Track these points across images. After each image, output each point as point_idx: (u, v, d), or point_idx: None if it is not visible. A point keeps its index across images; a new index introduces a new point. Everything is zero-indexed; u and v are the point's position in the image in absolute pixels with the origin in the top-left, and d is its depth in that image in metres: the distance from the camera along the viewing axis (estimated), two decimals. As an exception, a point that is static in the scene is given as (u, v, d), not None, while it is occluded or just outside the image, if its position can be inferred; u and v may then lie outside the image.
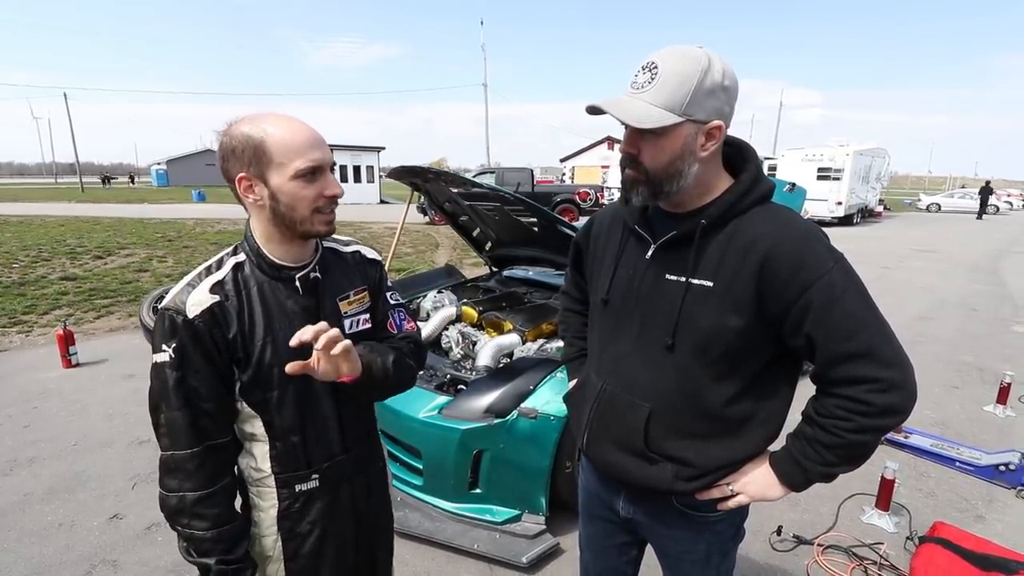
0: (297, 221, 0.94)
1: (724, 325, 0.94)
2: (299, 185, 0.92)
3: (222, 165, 0.93)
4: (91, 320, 5.66)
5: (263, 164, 0.91)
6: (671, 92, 0.89)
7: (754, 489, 1.02)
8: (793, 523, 2.43)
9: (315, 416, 1.04)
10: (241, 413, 1.01)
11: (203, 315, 0.92)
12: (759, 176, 0.98)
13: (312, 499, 1.06)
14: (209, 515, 0.94)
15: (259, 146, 0.90)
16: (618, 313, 1.09)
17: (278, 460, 1.02)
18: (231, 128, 0.92)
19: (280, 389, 0.99)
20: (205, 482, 0.94)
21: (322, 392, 1.05)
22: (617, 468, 1.10)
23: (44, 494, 2.63)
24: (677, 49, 0.91)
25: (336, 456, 1.08)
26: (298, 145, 0.91)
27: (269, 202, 0.93)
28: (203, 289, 0.94)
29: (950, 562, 2.09)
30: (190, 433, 0.93)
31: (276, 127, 0.91)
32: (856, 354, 0.88)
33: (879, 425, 0.90)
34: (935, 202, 28.05)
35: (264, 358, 0.97)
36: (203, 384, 0.93)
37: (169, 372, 0.92)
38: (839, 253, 0.92)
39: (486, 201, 3.31)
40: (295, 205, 0.93)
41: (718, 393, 0.99)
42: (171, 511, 0.95)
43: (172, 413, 0.93)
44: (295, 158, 0.91)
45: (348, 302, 1.10)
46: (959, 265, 10.07)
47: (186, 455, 0.93)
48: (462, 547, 2.17)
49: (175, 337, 0.91)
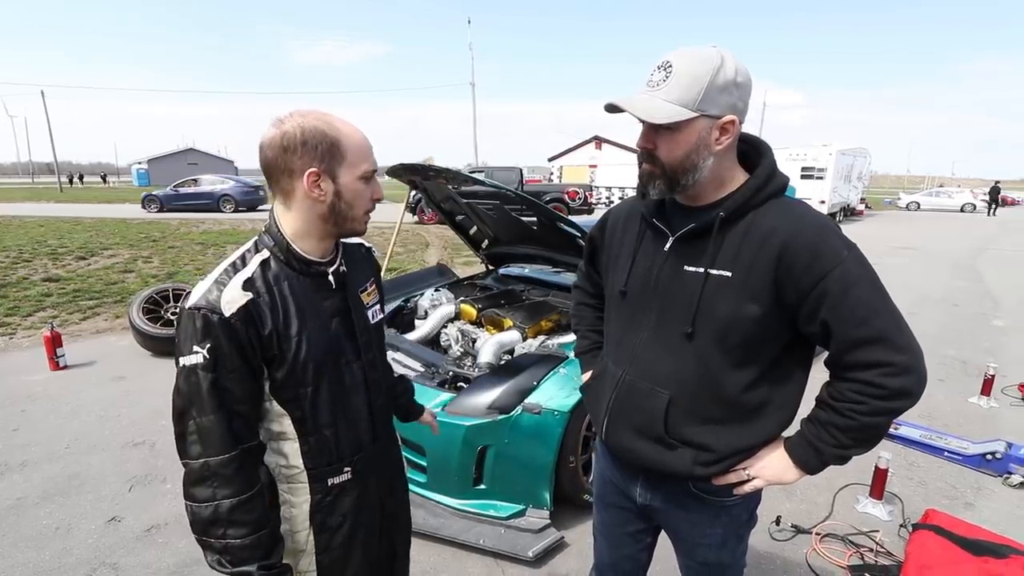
0: (351, 219, 0.99)
1: (743, 313, 0.97)
2: (362, 185, 0.98)
3: (281, 155, 0.92)
4: (76, 322, 5.55)
5: (336, 161, 0.94)
6: (685, 89, 0.92)
7: (770, 473, 1.05)
8: (791, 513, 2.48)
9: (348, 409, 1.05)
10: (269, 413, 1.00)
11: (239, 313, 0.90)
12: (775, 171, 1.01)
13: (344, 492, 1.07)
14: (248, 521, 0.92)
15: (335, 143, 0.93)
16: (636, 304, 1.11)
17: (311, 455, 1.02)
18: (295, 120, 0.92)
19: (314, 384, 1.00)
20: (244, 486, 0.92)
21: (354, 385, 1.06)
22: (637, 454, 1.12)
23: (38, 498, 2.58)
24: (691, 49, 0.95)
25: (366, 447, 1.09)
26: (366, 148, 0.98)
27: (332, 198, 0.96)
28: (235, 286, 0.92)
29: (943, 547, 2.15)
30: (227, 437, 0.91)
31: (348, 129, 0.96)
32: (869, 339, 0.92)
33: (892, 408, 0.94)
34: (915, 200, 28.68)
35: (300, 354, 0.97)
36: (238, 386, 0.92)
37: (203, 374, 0.89)
38: (852, 243, 0.96)
39: (486, 199, 3.32)
40: (355, 203, 0.98)
41: (736, 379, 1.02)
42: (204, 523, 0.91)
43: (205, 418, 0.90)
44: (363, 161, 0.97)
45: (367, 294, 1.13)
46: (939, 262, 10.32)
47: (223, 460, 0.91)
48: (468, 543, 2.18)
49: (209, 337, 0.89)
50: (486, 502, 2.28)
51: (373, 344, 1.11)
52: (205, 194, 17.86)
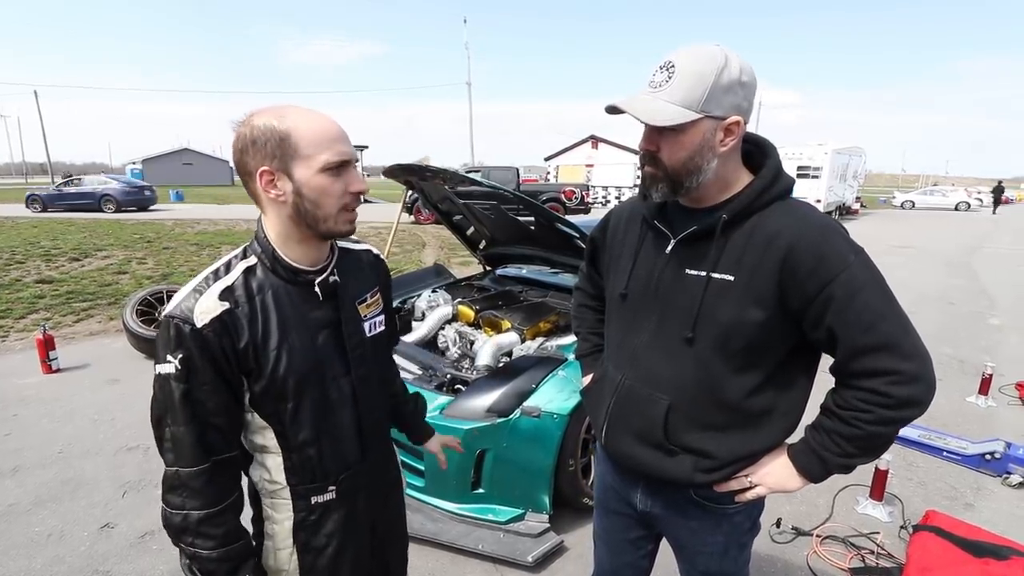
0: (321, 219, 0.90)
1: (745, 318, 0.95)
2: (326, 180, 0.88)
3: (239, 158, 0.88)
4: (70, 324, 5.49)
5: (288, 157, 0.86)
6: (688, 90, 0.90)
7: (773, 481, 1.03)
8: (791, 515, 2.47)
9: (333, 427, 1.00)
10: (251, 424, 0.96)
11: (212, 324, 0.86)
12: (780, 172, 0.99)
13: (329, 511, 1.02)
14: (216, 534, 0.89)
15: (285, 138, 0.85)
16: (636, 307, 1.09)
17: (293, 472, 0.98)
18: (251, 119, 0.87)
19: (295, 400, 0.94)
20: (212, 500, 0.89)
21: (341, 402, 1.00)
22: (636, 460, 1.10)
23: (31, 504, 2.55)
24: (693, 48, 0.92)
25: (353, 466, 1.04)
26: (325, 137, 0.87)
27: (292, 198, 0.88)
28: (211, 296, 0.88)
29: (944, 549, 2.14)
30: (197, 449, 0.88)
31: (302, 118, 0.87)
32: (876, 346, 0.90)
33: (899, 417, 0.91)
34: (909, 199, 28.80)
35: (279, 368, 0.91)
36: (211, 397, 0.88)
37: (175, 384, 0.86)
38: (859, 247, 0.94)
39: (483, 199, 3.30)
40: (321, 201, 0.88)
41: (738, 385, 1.00)
42: (175, 529, 0.90)
43: (177, 428, 0.87)
44: (322, 151, 0.86)
45: (366, 305, 1.07)
46: (935, 260, 10.35)
47: (192, 472, 0.88)
48: (467, 548, 2.16)
49: (181, 347, 0.86)
50: (485, 506, 2.25)
51: (368, 358, 1.05)
52: (87, 194, 17.59)
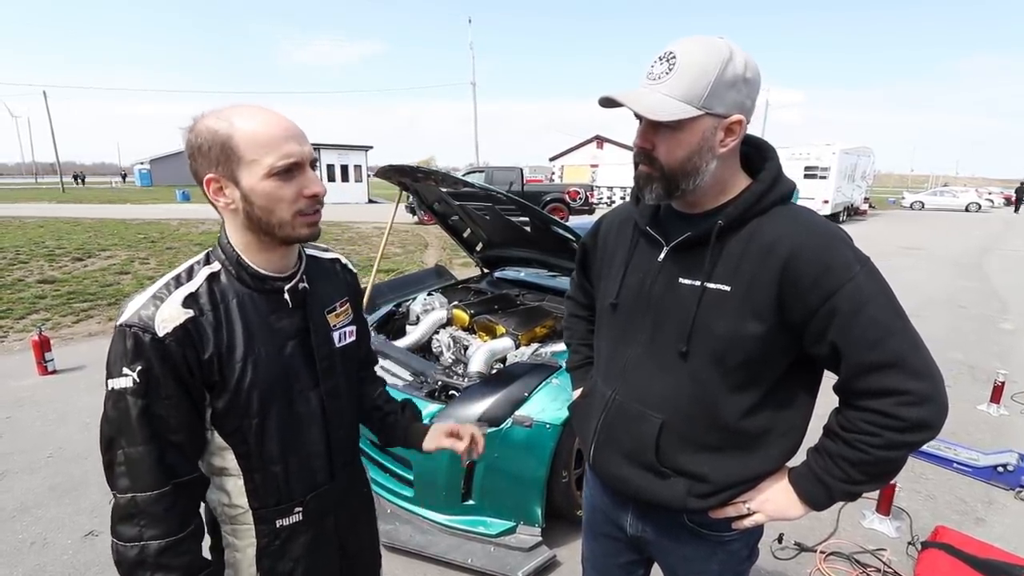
0: (275, 225, 0.84)
1: (743, 332, 0.88)
2: (274, 184, 0.81)
3: (191, 165, 0.83)
4: (69, 325, 5.48)
5: (232, 162, 0.80)
6: (690, 84, 0.83)
7: (772, 508, 0.96)
8: (794, 529, 2.38)
9: (300, 444, 0.94)
10: (210, 444, 0.90)
11: (175, 333, 0.80)
12: (780, 175, 0.92)
13: (295, 534, 0.96)
14: (177, 565, 0.82)
15: (226, 142, 0.79)
16: (627, 319, 1.02)
17: (256, 494, 0.91)
18: (197, 124, 0.81)
19: (260, 416, 0.88)
20: (173, 528, 0.82)
21: (309, 417, 0.94)
22: (626, 483, 1.03)
23: (15, 510, 2.50)
24: (697, 39, 0.85)
25: (321, 486, 0.98)
26: (271, 139, 0.80)
27: (242, 205, 0.82)
28: (174, 303, 0.82)
29: (954, 568, 2.05)
30: (156, 471, 0.81)
31: (245, 120, 0.80)
32: (883, 364, 0.82)
33: (909, 441, 0.83)
34: (919, 200, 28.46)
35: (243, 381, 0.86)
36: (172, 413, 0.82)
37: (132, 400, 0.79)
38: (865, 256, 0.86)
39: (477, 201, 3.23)
40: (272, 208, 0.82)
41: (735, 404, 0.93)
42: (130, 565, 0.81)
43: (134, 449, 0.80)
44: (268, 154, 0.80)
45: (335, 314, 1.01)
46: (944, 262, 10.18)
47: (152, 497, 0.80)
48: (455, 562, 2.09)
49: (140, 359, 0.79)
50: (475, 518, 2.18)
51: (337, 370, 1.00)
52: None
